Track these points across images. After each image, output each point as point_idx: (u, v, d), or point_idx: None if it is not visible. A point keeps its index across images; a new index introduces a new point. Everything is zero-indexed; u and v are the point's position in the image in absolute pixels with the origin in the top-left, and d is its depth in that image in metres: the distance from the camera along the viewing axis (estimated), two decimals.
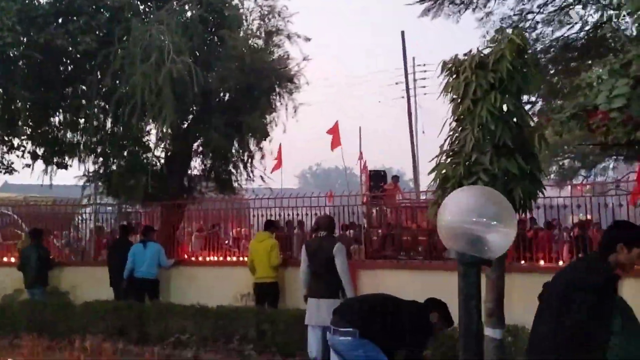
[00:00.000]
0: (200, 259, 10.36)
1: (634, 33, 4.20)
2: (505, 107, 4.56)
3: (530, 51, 4.96)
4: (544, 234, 9.28)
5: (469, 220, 2.54)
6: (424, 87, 25.05)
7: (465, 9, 11.05)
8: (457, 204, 2.66)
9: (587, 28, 9.93)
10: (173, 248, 10.24)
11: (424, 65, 25.07)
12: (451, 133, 4.99)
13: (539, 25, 10.75)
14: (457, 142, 4.83)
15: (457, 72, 4.80)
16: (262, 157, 11.76)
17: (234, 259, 10.18)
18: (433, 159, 5.12)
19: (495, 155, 4.57)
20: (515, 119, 4.59)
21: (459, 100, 4.78)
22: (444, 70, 4.93)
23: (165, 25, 9.00)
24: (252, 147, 12.03)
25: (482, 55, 4.65)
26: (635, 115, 3.33)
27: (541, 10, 10.66)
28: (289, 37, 11.03)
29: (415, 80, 24.49)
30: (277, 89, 11.95)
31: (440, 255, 8.15)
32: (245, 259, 9.20)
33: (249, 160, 12.01)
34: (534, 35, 10.63)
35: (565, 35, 10.26)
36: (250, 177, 12.08)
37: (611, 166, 16.66)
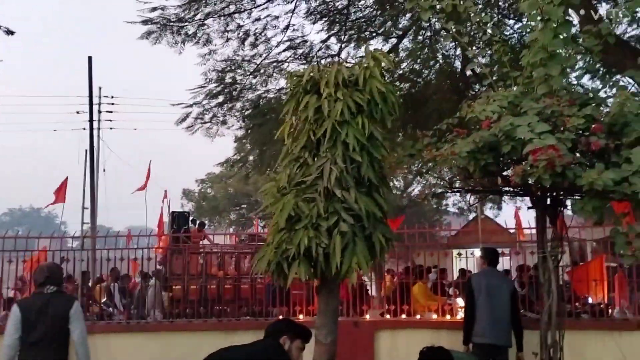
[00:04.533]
0: None
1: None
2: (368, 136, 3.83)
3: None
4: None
5: None
6: (110, 120, 22.70)
7: (192, 42, 10.30)
8: None
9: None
10: None
11: (112, 97, 22.77)
12: (289, 161, 3.99)
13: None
14: (306, 173, 3.84)
15: (313, 88, 3.88)
16: None
17: None
18: (261, 192, 4.06)
19: (357, 193, 3.76)
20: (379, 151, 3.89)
21: (314, 121, 3.84)
22: (291, 83, 3.95)
23: None
24: None
25: (348, 71, 3.85)
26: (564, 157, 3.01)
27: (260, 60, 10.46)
28: None
29: (100, 112, 21.95)
30: None
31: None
32: None
33: None
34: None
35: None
36: None
37: None
